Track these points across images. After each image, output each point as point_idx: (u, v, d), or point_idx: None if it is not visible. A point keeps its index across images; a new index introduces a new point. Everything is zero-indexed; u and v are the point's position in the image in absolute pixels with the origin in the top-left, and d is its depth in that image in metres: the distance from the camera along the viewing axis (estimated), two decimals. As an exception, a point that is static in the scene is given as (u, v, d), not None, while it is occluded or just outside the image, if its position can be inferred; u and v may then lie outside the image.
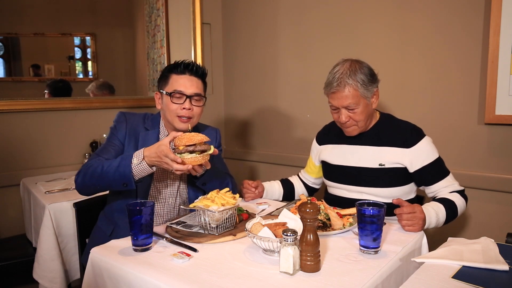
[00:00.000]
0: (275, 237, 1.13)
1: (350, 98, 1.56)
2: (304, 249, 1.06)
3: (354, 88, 1.55)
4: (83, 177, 1.46)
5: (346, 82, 1.55)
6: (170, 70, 1.61)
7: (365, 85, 1.56)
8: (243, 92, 3.18)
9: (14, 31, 2.68)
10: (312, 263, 1.05)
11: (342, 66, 1.59)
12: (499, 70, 1.92)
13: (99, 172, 1.42)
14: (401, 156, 1.61)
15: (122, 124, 1.62)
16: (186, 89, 1.56)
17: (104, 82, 2.96)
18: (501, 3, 1.88)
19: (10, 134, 2.40)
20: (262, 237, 1.12)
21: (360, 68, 1.57)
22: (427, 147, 1.62)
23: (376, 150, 1.66)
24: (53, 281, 1.82)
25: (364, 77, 1.56)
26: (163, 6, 3.03)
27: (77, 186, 1.50)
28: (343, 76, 1.55)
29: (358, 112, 1.59)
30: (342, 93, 1.56)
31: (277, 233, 1.15)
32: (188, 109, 1.56)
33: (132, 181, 1.38)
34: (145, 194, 1.58)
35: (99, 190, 1.50)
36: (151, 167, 1.39)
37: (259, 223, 1.22)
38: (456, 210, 1.55)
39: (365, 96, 1.58)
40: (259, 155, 3.10)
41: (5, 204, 2.40)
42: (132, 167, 1.37)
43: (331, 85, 1.59)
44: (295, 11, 2.75)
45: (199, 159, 1.36)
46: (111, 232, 1.56)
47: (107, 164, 1.42)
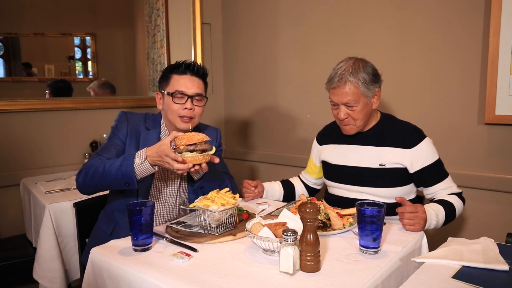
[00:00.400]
0: (275, 237, 1.13)
1: (350, 95, 1.57)
2: (304, 249, 1.06)
3: (354, 85, 1.56)
4: (84, 177, 1.46)
5: (347, 79, 1.56)
6: (171, 71, 1.61)
7: (366, 84, 1.57)
8: (243, 92, 3.18)
9: (14, 31, 2.68)
10: (312, 263, 1.05)
11: (346, 63, 1.60)
12: (499, 70, 1.92)
13: (100, 171, 1.42)
14: (401, 156, 1.61)
15: (123, 123, 1.62)
16: (187, 89, 1.56)
17: (106, 81, 2.96)
18: (501, 3, 1.88)
19: (10, 134, 2.40)
20: (262, 237, 1.12)
21: (364, 67, 1.58)
22: (427, 148, 1.62)
23: (376, 150, 1.66)
24: (53, 281, 1.82)
25: (366, 76, 1.57)
26: (163, 6, 3.03)
27: (78, 185, 1.50)
28: (345, 73, 1.56)
29: (357, 110, 1.59)
30: (342, 90, 1.57)
31: (277, 233, 1.15)
32: (190, 109, 1.56)
33: (134, 180, 1.38)
34: (146, 193, 1.58)
35: (100, 189, 1.50)
36: (153, 166, 1.39)
37: (259, 223, 1.22)
38: (454, 212, 1.55)
39: (365, 94, 1.58)
40: (259, 155, 3.10)
41: (5, 204, 2.40)
42: (135, 166, 1.37)
43: (333, 81, 1.60)
44: (295, 11, 2.75)
45: (199, 158, 1.36)
46: (112, 232, 1.56)
47: (109, 164, 1.42)
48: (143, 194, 1.56)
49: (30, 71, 2.77)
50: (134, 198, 1.53)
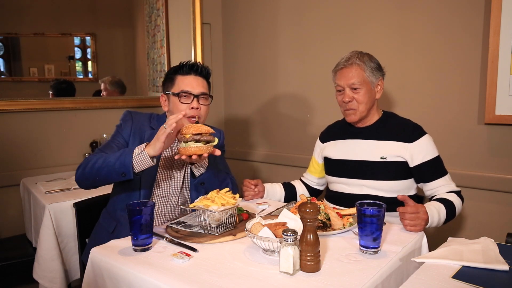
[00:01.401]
0: (275, 237, 1.13)
1: (356, 77, 1.65)
2: (304, 249, 1.06)
3: (361, 68, 1.65)
4: (83, 169, 1.47)
5: (355, 61, 1.66)
6: (175, 72, 1.64)
7: (371, 70, 1.66)
8: (243, 92, 3.18)
9: (14, 31, 2.68)
10: (312, 263, 1.05)
11: (353, 52, 1.70)
12: (499, 70, 1.92)
13: (100, 162, 1.42)
14: (402, 150, 1.65)
15: (128, 122, 1.64)
16: (193, 88, 1.59)
17: (119, 80, 2.97)
18: (501, 3, 1.88)
19: (10, 134, 2.40)
20: (262, 237, 1.12)
21: (370, 57, 1.71)
22: (428, 144, 1.66)
23: (378, 144, 1.69)
24: (53, 281, 1.82)
25: (372, 64, 1.68)
26: (163, 6, 3.03)
27: (76, 177, 1.50)
28: (353, 57, 1.67)
29: (361, 93, 1.65)
30: (349, 71, 1.66)
31: (277, 233, 1.15)
32: (196, 108, 1.59)
33: (130, 170, 1.37)
34: (149, 191, 1.58)
35: (98, 182, 1.47)
36: (152, 159, 1.39)
37: (259, 223, 1.22)
38: (454, 210, 1.57)
39: (370, 80, 1.66)
40: (259, 155, 3.10)
41: (5, 204, 2.40)
42: (133, 156, 1.37)
43: (339, 64, 1.70)
44: (295, 11, 2.75)
45: (204, 149, 1.37)
46: (114, 229, 1.57)
47: (109, 155, 1.43)
48: (146, 192, 1.57)
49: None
50: (136, 196, 1.54)
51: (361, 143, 1.73)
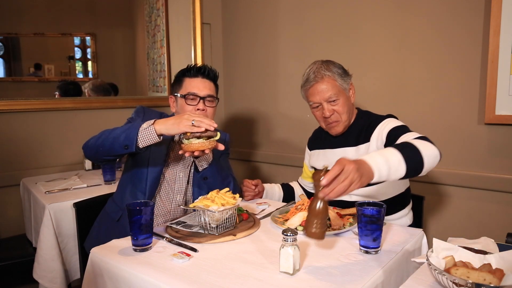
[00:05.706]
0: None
1: (330, 89, 1.59)
2: (313, 214, 1.04)
3: (332, 78, 1.60)
4: (91, 139, 1.49)
5: (324, 74, 1.59)
6: (183, 74, 1.67)
7: (341, 76, 1.61)
8: (243, 92, 3.18)
9: (14, 31, 2.68)
10: (318, 230, 1.04)
11: (314, 64, 1.64)
12: (499, 70, 1.92)
13: (107, 133, 1.44)
14: (378, 142, 1.57)
15: (140, 115, 1.66)
16: (199, 91, 1.62)
17: (101, 84, 2.92)
18: (501, 3, 1.88)
19: (10, 134, 2.40)
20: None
21: (333, 63, 1.64)
22: (390, 121, 1.59)
23: (356, 149, 1.64)
24: (53, 281, 1.81)
25: (338, 70, 1.62)
26: (163, 6, 3.03)
27: (84, 145, 1.51)
28: (319, 69, 1.60)
29: (340, 104, 1.61)
30: (321, 86, 1.60)
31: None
32: (202, 110, 1.61)
33: (134, 143, 1.36)
34: (153, 189, 1.59)
35: (101, 153, 1.46)
36: (158, 136, 1.38)
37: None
38: (413, 146, 1.23)
39: (343, 87, 1.62)
40: (259, 155, 3.10)
41: (5, 204, 2.40)
42: (140, 130, 1.37)
43: (308, 81, 1.62)
44: (295, 11, 2.75)
45: (206, 144, 1.38)
46: (119, 218, 1.59)
47: (117, 128, 1.44)
48: (151, 189, 1.58)
49: (39, 73, 2.78)
50: (143, 189, 1.56)
51: (340, 152, 1.69)
